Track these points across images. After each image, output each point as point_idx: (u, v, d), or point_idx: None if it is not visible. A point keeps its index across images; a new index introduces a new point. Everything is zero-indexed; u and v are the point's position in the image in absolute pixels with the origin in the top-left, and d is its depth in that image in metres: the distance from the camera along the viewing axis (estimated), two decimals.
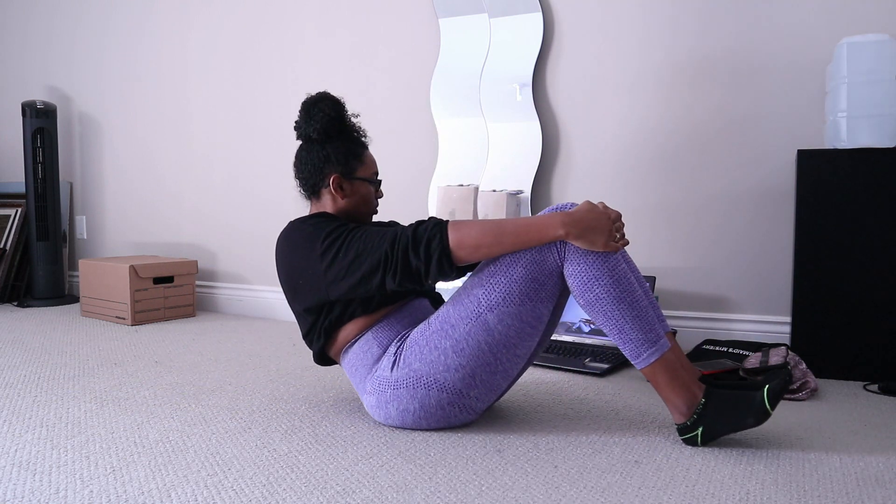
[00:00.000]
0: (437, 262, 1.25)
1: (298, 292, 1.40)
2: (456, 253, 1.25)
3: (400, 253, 1.26)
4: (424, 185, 2.51)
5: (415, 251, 1.26)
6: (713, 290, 2.08)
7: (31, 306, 3.14)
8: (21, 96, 3.68)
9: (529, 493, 1.08)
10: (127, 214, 3.36)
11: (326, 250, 1.33)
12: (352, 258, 1.30)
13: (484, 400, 1.36)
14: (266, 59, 2.85)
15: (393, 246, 1.27)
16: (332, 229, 1.35)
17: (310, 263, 1.35)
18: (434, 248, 1.25)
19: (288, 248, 1.40)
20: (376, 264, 1.28)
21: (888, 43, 1.68)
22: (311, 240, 1.35)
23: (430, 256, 1.25)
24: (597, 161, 2.22)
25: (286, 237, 1.42)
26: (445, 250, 1.25)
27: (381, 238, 1.29)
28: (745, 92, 2.01)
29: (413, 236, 1.27)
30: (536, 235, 1.26)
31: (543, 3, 2.27)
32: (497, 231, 1.26)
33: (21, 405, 1.58)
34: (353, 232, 1.33)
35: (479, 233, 1.26)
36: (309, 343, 1.46)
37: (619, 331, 1.26)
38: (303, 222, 1.40)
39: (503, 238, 1.26)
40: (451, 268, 1.26)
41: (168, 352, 2.16)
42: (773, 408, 1.20)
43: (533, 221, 1.27)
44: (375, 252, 1.28)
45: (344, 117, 1.47)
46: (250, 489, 1.10)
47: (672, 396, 1.27)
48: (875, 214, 1.70)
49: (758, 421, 1.21)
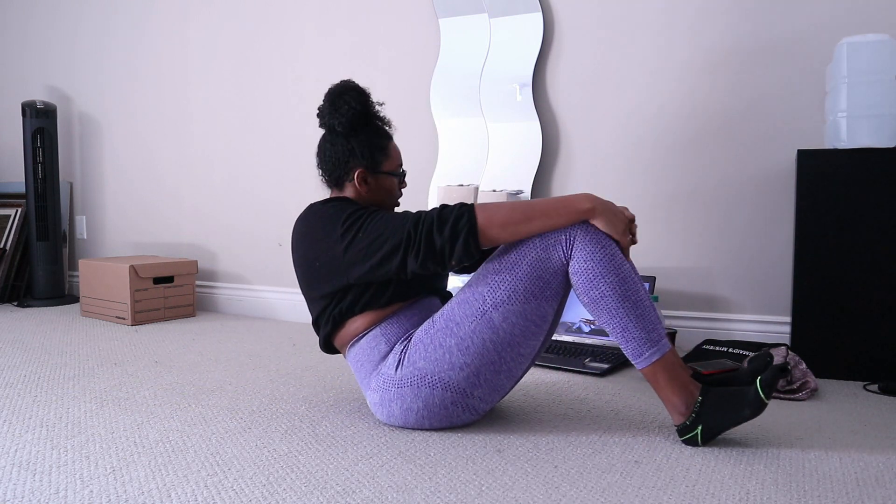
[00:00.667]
0: (464, 242, 1.23)
1: (314, 276, 1.38)
2: (485, 232, 1.24)
3: (424, 233, 1.25)
4: (424, 185, 2.51)
5: (440, 231, 1.24)
6: (713, 290, 2.08)
7: (31, 306, 3.14)
8: (21, 96, 3.68)
9: (529, 493, 1.08)
10: (127, 214, 3.36)
11: (346, 231, 1.32)
12: (373, 238, 1.29)
13: (487, 400, 1.36)
14: (266, 59, 2.85)
15: (417, 226, 1.26)
16: (352, 211, 1.34)
17: (329, 244, 1.33)
18: (462, 226, 1.23)
19: (307, 229, 1.38)
20: (398, 244, 1.27)
21: (888, 43, 1.68)
22: (332, 221, 1.34)
23: (457, 236, 1.24)
24: (597, 161, 2.22)
25: (305, 219, 1.40)
26: (473, 229, 1.23)
27: (403, 219, 1.28)
28: (745, 92, 2.01)
29: (439, 216, 1.26)
30: (564, 210, 1.26)
31: (543, 3, 2.27)
32: (526, 209, 1.26)
33: (21, 405, 1.58)
34: (375, 213, 1.32)
35: (507, 211, 1.25)
36: (317, 329, 1.45)
37: (623, 329, 1.26)
38: (323, 205, 1.38)
39: (532, 214, 1.26)
40: (478, 248, 1.25)
41: (168, 352, 2.16)
42: (768, 397, 1.19)
43: (560, 198, 1.28)
44: (397, 232, 1.27)
45: (369, 109, 1.44)
46: (250, 489, 1.10)
47: (671, 396, 1.27)
48: (875, 214, 1.70)
49: (755, 412, 1.21)
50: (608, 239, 1.27)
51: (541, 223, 1.26)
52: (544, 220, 1.26)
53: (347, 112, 1.40)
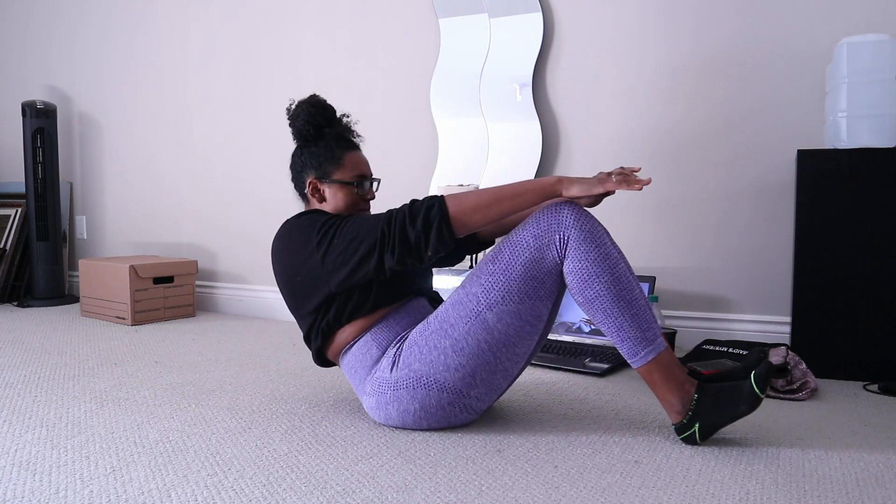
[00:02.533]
0: (437, 231, 1.24)
1: (298, 291, 1.39)
2: (456, 218, 1.25)
3: (397, 228, 1.26)
4: (424, 185, 2.51)
5: (412, 223, 1.25)
6: (713, 290, 2.08)
7: (31, 306, 3.14)
8: (21, 96, 3.68)
9: (529, 493, 1.08)
10: (127, 214, 3.36)
11: (322, 239, 1.33)
12: (348, 241, 1.30)
13: (484, 400, 1.36)
14: (266, 59, 2.85)
15: (389, 223, 1.27)
16: (325, 220, 1.35)
17: (307, 255, 1.35)
18: (434, 216, 1.24)
19: (284, 245, 1.40)
20: (373, 244, 1.28)
21: (888, 43, 1.68)
22: (307, 232, 1.36)
23: (430, 226, 1.24)
24: (597, 161, 2.22)
25: (281, 237, 1.42)
26: (445, 217, 1.24)
27: (376, 219, 1.30)
28: (745, 92, 2.01)
29: (410, 210, 1.27)
30: (532, 188, 1.27)
31: (543, 3, 2.27)
32: (495, 191, 1.27)
33: (21, 405, 1.58)
34: (347, 219, 1.34)
35: (476, 196, 1.26)
36: (308, 344, 1.46)
37: (618, 329, 1.26)
38: (297, 219, 1.40)
39: (501, 196, 1.26)
40: (452, 236, 1.26)
41: (168, 352, 2.16)
42: (763, 392, 1.19)
43: (528, 180, 1.29)
44: (371, 232, 1.28)
45: (322, 121, 1.47)
46: (250, 489, 1.10)
47: (667, 395, 1.27)
48: (875, 214, 1.70)
49: (751, 407, 1.21)
50: (602, 238, 1.27)
51: (510, 203, 1.27)
52: (514, 199, 1.27)
53: (298, 124, 1.46)
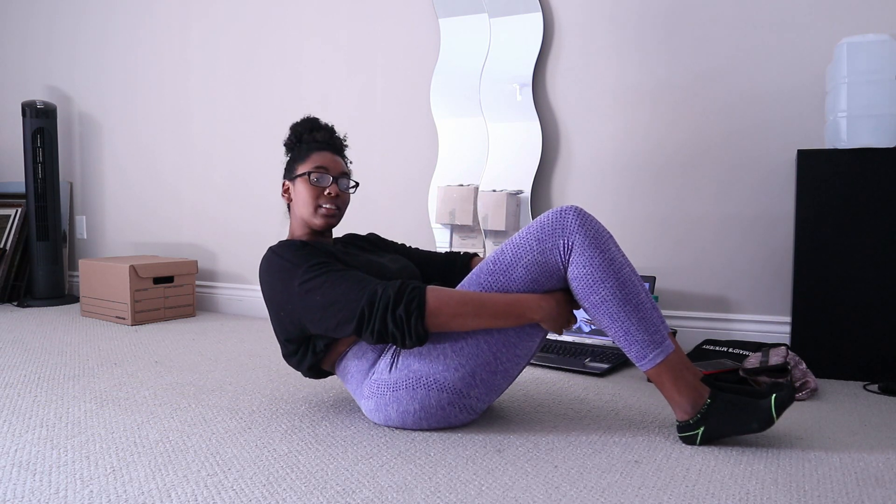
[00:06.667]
0: (414, 326, 1.23)
1: (281, 324, 1.40)
2: (434, 316, 1.24)
3: (378, 315, 1.24)
4: (424, 185, 2.51)
5: (393, 314, 1.23)
6: (713, 290, 2.08)
7: (31, 306, 3.14)
8: (21, 96, 3.68)
9: (529, 493, 1.08)
10: (127, 214, 3.36)
11: (304, 286, 1.31)
12: (328, 302, 1.28)
13: (484, 400, 1.36)
14: (266, 59, 2.85)
15: (372, 305, 1.24)
16: (310, 265, 1.32)
17: (289, 297, 1.34)
18: (412, 309, 1.23)
19: (269, 278, 1.38)
20: (350, 317, 1.26)
21: (888, 43, 1.68)
22: (290, 275, 1.33)
23: (408, 317, 1.22)
24: (597, 160, 2.22)
25: (266, 269, 1.39)
26: (421, 312, 1.23)
27: (360, 289, 1.26)
28: (745, 92, 2.01)
29: (395, 297, 1.24)
30: (514, 314, 1.27)
31: (543, 3, 2.27)
32: (478, 304, 1.26)
33: (21, 405, 1.58)
34: (330, 272, 1.30)
35: (458, 302, 1.25)
36: (293, 364, 1.45)
37: (625, 333, 1.26)
38: (280, 256, 1.36)
39: (482, 311, 1.26)
40: (425, 331, 1.24)
41: (168, 352, 2.16)
42: (778, 416, 1.21)
43: (514, 300, 1.27)
44: (351, 305, 1.25)
45: (303, 130, 1.53)
46: (250, 489, 1.10)
47: (677, 397, 1.27)
48: (875, 214, 1.70)
49: (762, 427, 1.23)
50: (607, 243, 1.27)
51: (488, 321, 1.27)
52: (492, 320, 1.27)
53: (286, 138, 1.56)
